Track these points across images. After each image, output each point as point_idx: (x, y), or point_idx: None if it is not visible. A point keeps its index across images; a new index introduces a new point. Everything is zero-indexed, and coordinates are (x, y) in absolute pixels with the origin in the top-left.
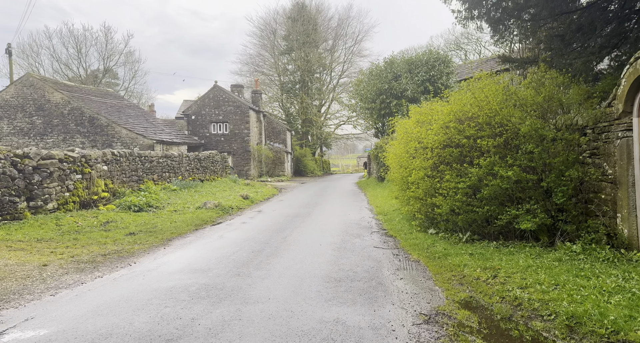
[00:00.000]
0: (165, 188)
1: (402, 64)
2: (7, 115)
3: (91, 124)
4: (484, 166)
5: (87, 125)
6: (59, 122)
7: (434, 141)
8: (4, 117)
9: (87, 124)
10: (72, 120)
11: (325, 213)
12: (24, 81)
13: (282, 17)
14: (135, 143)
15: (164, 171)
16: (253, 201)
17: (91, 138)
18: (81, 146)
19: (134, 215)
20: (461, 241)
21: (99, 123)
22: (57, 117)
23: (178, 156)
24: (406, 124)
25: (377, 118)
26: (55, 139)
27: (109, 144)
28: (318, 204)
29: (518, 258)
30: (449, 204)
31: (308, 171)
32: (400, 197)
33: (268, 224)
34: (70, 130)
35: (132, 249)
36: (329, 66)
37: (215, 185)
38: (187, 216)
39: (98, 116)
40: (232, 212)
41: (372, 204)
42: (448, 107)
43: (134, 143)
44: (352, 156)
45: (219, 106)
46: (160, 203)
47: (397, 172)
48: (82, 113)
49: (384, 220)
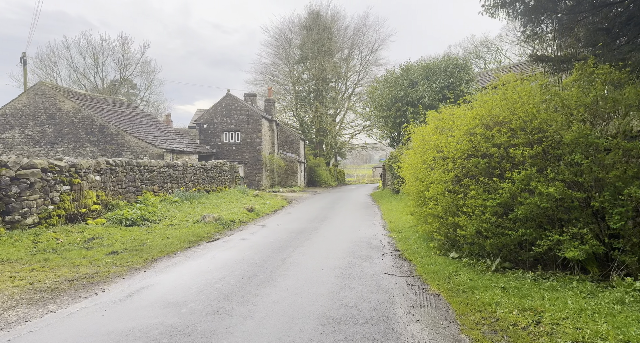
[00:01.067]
0: (165, 200)
1: (419, 70)
2: (19, 124)
3: (101, 133)
4: (518, 181)
5: (97, 134)
6: (69, 131)
7: (456, 150)
8: (15, 126)
9: (97, 133)
10: (82, 129)
11: (333, 229)
12: (36, 90)
13: (297, 26)
14: (145, 152)
15: (165, 182)
16: (258, 214)
17: (101, 147)
18: (91, 155)
19: (125, 230)
20: (489, 269)
21: (108, 132)
22: (67, 126)
23: (182, 166)
24: (423, 132)
25: (393, 127)
26: (66, 148)
27: (118, 153)
28: (327, 218)
29: (565, 296)
30: (475, 225)
31: (322, 182)
32: (416, 213)
33: (269, 241)
34: (81, 139)
35: (108, 272)
36: (344, 74)
37: (221, 196)
38: (182, 231)
39: (108, 124)
40: (233, 226)
41: (385, 218)
42: (473, 111)
43: (144, 152)
44: (368, 166)
45: (231, 114)
46: (157, 216)
47: (413, 185)
48: (93, 122)
49: (398, 238)
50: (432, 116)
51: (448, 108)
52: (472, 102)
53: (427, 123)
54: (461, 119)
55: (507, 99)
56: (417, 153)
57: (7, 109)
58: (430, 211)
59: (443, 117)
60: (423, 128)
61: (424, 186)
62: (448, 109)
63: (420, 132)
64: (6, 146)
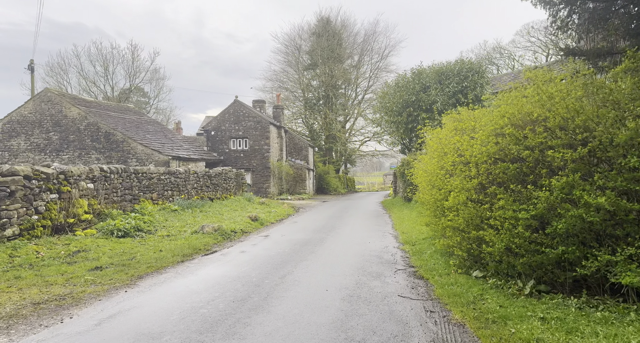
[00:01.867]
0: (164, 209)
1: (431, 74)
2: (25, 131)
3: (107, 139)
4: (557, 189)
5: (103, 141)
6: (75, 138)
7: (481, 153)
8: (21, 133)
9: (102, 139)
10: (88, 136)
11: (341, 240)
12: (42, 97)
13: (306, 33)
14: (150, 159)
15: (165, 189)
16: (263, 223)
17: (106, 154)
18: (96, 162)
19: (115, 242)
20: (522, 293)
21: (114, 139)
22: (73, 133)
23: (184, 173)
24: (440, 134)
25: (404, 133)
26: (71, 156)
27: (124, 160)
28: (335, 228)
29: (624, 333)
30: (504, 240)
31: (331, 189)
32: (432, 225)
33: (270, 254)
34: (86, 146)
35: (83, 293)
36: (354, 81)
37: (226, 204)
38: (178, 243)
39: (114, 131)
40: (233, 237)
41: (397, 229)
42: (500, 109)
43: (150, 159)
44: (378, 173)
45: (239, 121)
46: (153, 226)
47: (428, 193)
48: (98, 129)
49: (412, 252)
50: (449, 117)
51: (467, 109)
52: (497, 101)
53: (444, 125)
54: (485, 119)
55: (542, 93)
56: (433, 158)
57: (14, 116)
58: (449, 223)
59: (462, 118)
60: (439, 131)
61: (442, 194)
62: (467, 111)
63: (436, 134)
64: (12, 153)
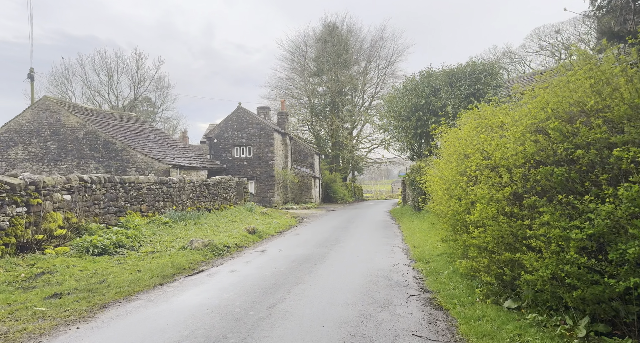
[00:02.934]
0: (154, 221)
1: (441, 76)
2: (22, 140)
3: (106, 148)
4: (626, 200)
5: (102, 150)
6: (73, 147)
7: (515, 154)
8: (19, 143)
9: (101, 148)
10: (86, 145)
11: (345, 256)
12: (40, 105)
13: (312, 39)
14: (150, 168)
15: (157, 200)
16: (261, 236)
17: (105, 163)
18: (95, 171)
19: (89, 261)
20: (574, 335)
21: (113, 148)
22: (71, 142)
23: (178, 182)
24: (458, 133)
25: (413, 138)
26: (69, 165)
27: (123, 169)
28: (339, 240)
29: None
30: (551, 267)
31: (338, 198)
32: (450, 240)
33: (263, 275)
34: (85, 155)
35: (23, 332)
36: (360, 87)
37: (224, 215)
38: (161, 261)
39: (113, 140)
40: (225, 253)
41: (407, 242)
42: (539, 99)
43: (150, 167)
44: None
45: (242, 128)
46: (138, 241)
47: (445, 204)
48: (97, 137)
49: (426, 272)
50: (469, 113)
51: (489, 106)
52: (534, 88)
53: (463, 124)
54: (520, 112)
55: (599, 75)
56: (451, 162)
57: (11, 125)
58: (473, 241)
59: (486, 114)
60: (457, 130)
61: (463, 205)
62: (490, 107)
63: (454, 134)
64: (9, 164)
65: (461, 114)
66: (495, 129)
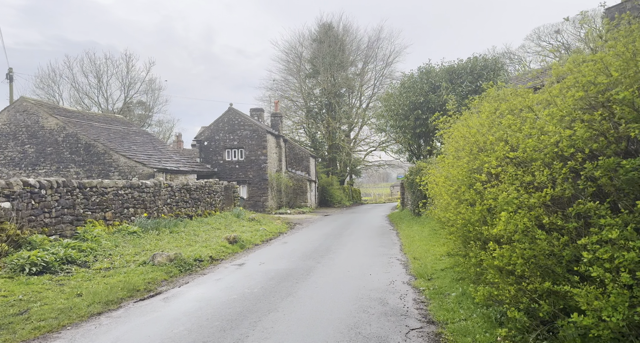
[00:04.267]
0: (120, 231)
1: (441, 73)
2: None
3: (87, 152)
4: None
5: (83, 153)
6: (52, 151)
7: (559, 141)
8: None
9: (82, 152)
10: (66, 148)
11: (334, 271)
12: (17, 106)
13: (307, 40)
14: (134, 172)
15: (126, 207)
16: (243, 246)
17: (86, 167)
18: (75, 176)
19: (20, 283)
20: None
21: (95, 151)
22: (50, 145)
23: (153, 186)
24: (470, 121)
25: (411, 138)
26: (48, 170)
27: (105, 173)
28: (330, 251)
29: None
30: (622, 308)
31: (335, 201)
32: (458, 255)
33: (230, 299)
34: (65, 159)
35: None
36: (358, 88)
37: (207, 222)
38: (113, 280)
39: (95, 142)
40: (195, 269)
41: (406, 251)
42: (591, 64)
43: (133, 171)
44: (385, 184)
45: (234, 130)
46: (94, 255)
47: (452, 210)
48: (78, 140)
49: (430, 293)
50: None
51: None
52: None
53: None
54: (562, 84)
55: None
56: (460, 158)
57: None
58: (495, 262)
59: (507, 96)
60: (467, 117)
61: (477, 213)
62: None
63: (464, 122)
64: None
65: (469, 102)
66: (526, 112)
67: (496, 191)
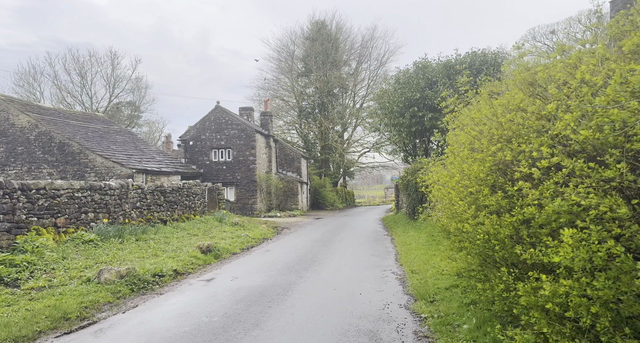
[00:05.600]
0: (73, 240)
1: (438, 68)
2: None
3: (61, 151)
4: None
5: (56, 152)
6: (23, 150)
7: None
8: None
9: (56, 151)
10: (38, 147)
11: (317, 289)
12: None
13: (300, 38)
14: (112, 173)
15: (84, 211)
16: (218, 256)
17: (60, 168)
18: (49, 177)
19: None
20: None
21: (70, 150)
22: (21, 144)
23: (119, 188)
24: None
25: (407, 137)
26: (19, 171)
27: (80, 174)
28: (316, 261)
29: None
30: None
31: (327, 204)
32: (474, 279)
33: (179, 332)
34: (37, 159)
35: None
36: (351, 88)
37: (184, 228)
38: (42, 304)
39: (69, 141)
40: (152, 287)
41: (403, 262)
42: None
43: (111, 172)
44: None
45: (221, 129)
46: (31, 271)
47: (467, 218)
48: (51, 138)
49: (433, 323)
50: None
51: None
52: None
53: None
54: None
55: None
56: (480, 150)
57: None
58: (547, 304)
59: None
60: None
61: (507, 226)
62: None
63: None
64: None
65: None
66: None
67: (547, 194)
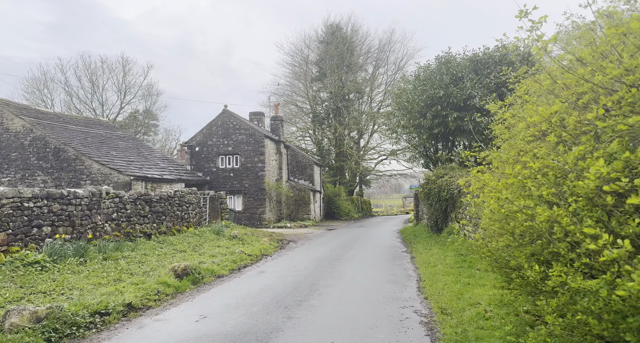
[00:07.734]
0: (13, 262)
1: (463, 62)
2: None
3: (56, 157)
4: None
5: (51, 159)
6: (17, 156)
7: None
8: None
9: (51, 157)
10: (33, 153)
11: (306, 342)
12: None
13: (314, 41)
14: (108, 180)
15: (37, 225)
16: (197, 281)
17: (55, 175)
18: (43, 185)
19: None
20: None
21: (65, 156)
22: (16, 150)
23: (88, 196)
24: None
25: (427, 140)
26: (12, 178)
27: (76, 182)
28: (315, 290)
29: None
30: None
31: (342, 214)
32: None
33: None
34: (31, 165)
35: None
36: (368, 93)
37: (171, 242)
38: None
39: (65, 147)
40: (82, 333)
41: (428, 293)
42: None
43: (107, 179)
44: (397, 195)
45: (229, 134)
46: None
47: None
48: (46, 144)
49: None
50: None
51: None
52: None
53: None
54: None
55: None
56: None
57: None
58: None
59: None
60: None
61: None
62: None
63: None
64: None
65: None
66: None
67: None
